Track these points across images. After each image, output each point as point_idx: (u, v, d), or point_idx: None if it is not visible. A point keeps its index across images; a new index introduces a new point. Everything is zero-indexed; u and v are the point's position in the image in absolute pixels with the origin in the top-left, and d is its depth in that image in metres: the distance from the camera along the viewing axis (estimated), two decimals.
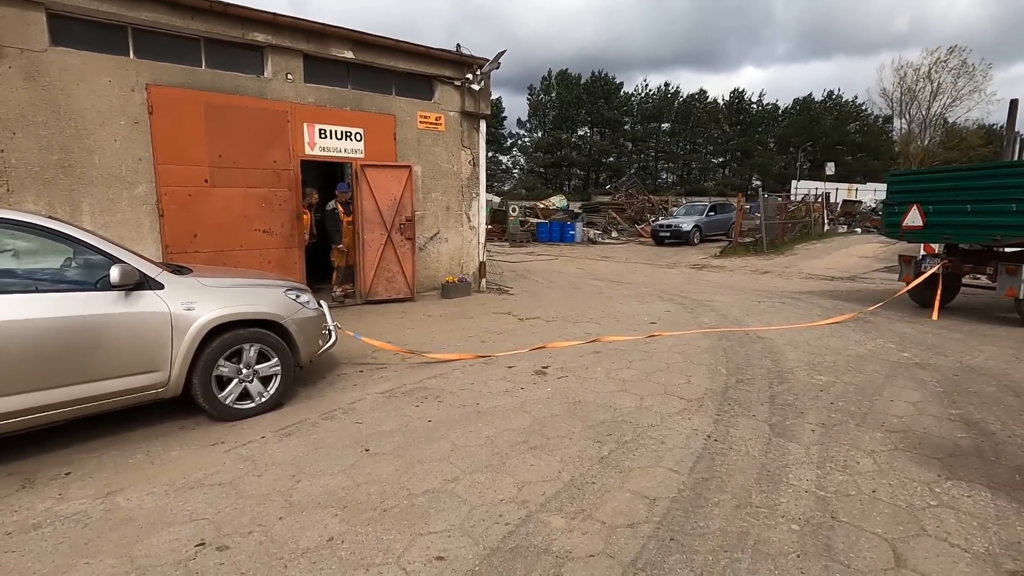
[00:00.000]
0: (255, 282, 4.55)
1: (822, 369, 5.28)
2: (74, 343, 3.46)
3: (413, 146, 9.06)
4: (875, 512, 2.88)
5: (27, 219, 3.54)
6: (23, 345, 3.28)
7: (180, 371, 3.88)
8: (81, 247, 3.64)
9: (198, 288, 4.02)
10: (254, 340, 4.18)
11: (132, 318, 3.66)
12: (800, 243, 18.69)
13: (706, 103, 62.98)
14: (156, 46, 6.67)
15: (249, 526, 2.81)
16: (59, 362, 3.43)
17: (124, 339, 3.64)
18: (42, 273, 3.63)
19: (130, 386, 3.73)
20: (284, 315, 4.36)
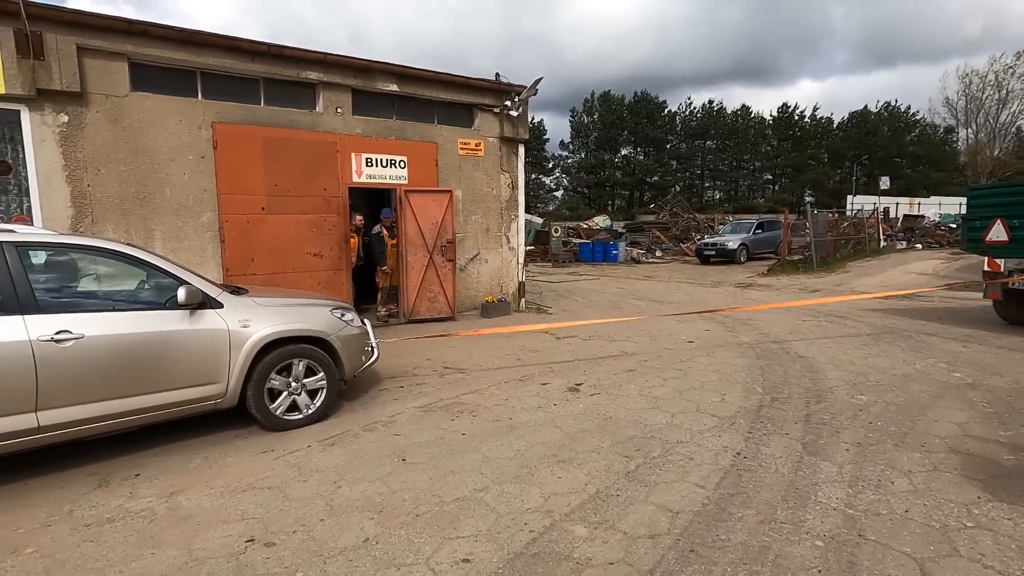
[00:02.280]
0: (304, 301, 4.89)
1: (864, 389, 5.15)
2: (146, 356, 3.84)
3: (454, 171, 9.43)
4: (905, 531, 2.84)
5: (109, 246, 4.00)
6: (106, 357, 3.68)
7: (236, 383, 4.22)
8: (153, 270, 4.06)
9: (253, 307, 4.38)
10: (303, 355, 4.50)
11: (196, 334, 4.03)
12: (853, 260, 18.00)
13: (750, 119, 61.76)
14: (220, 87, 7.31)
15: (294, 526, 3.04)
16: (134, 373, 3.80)
17: (188, 353, 4.00)
18: (119, 294, 4.06)
19: (193, 396, 4.08)
20: (330, 332, 4.66)
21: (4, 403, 3.39)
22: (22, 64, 5.86)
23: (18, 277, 3.51)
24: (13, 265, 3.52)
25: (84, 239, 4.12)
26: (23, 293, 3.51)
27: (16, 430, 3.44)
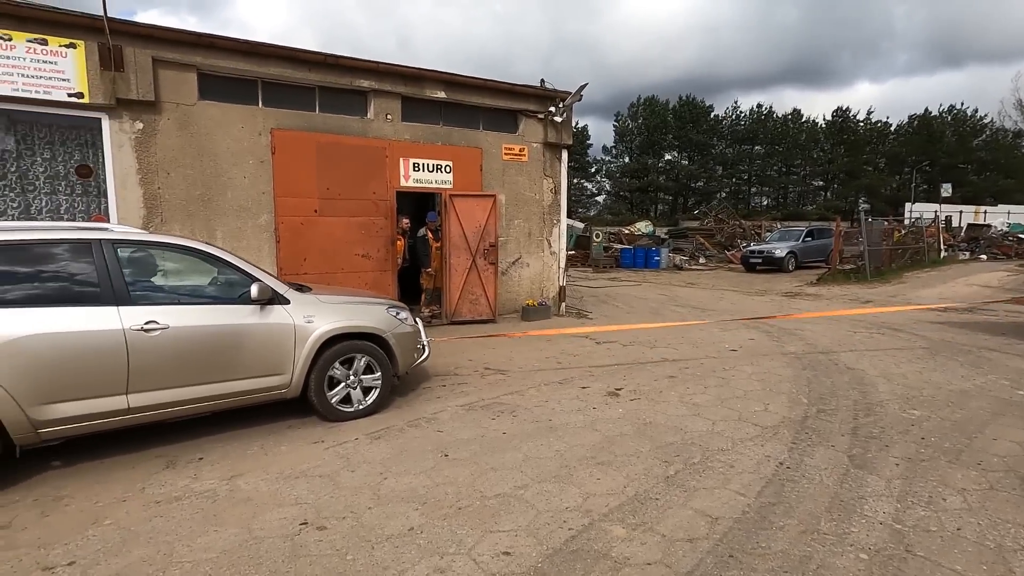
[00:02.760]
0: (362, 300, 5.18)
1: (917, 403, 4.97)
2: (222, 347, 4.16)
3: (498, 176, 9.59)
4: (956, 549, 2.76)
5: (191, 244, 4.37)
6: (187, 347, 4.00)
7: (300, 374, 4.49)
8: (229, 267, 4.39)
9: (316, 304, 4.66)
10: (360, 351, 4.77)
11: (265, 328, 4.33)
12: (910, 270, 17.20)
13: (801, 123, 59.74)
14: (279, 95, 7.70)
15: (343, 512, 3.21)
16: (211, 362, 4.12)
17: (259, 345, 4.30)
18: (198, 288, 4.42)
19: (262, 386, 4.38)
20: (386, 329, 4.91)
21: (100, 386, 3.72)
22: (104, 75, 6.35)
23: (113, 271, 3.83)
24: (109, 261, 3.84)
25: (169, 237, 4.52)
26: (117, 286, 3.83)
27: (109, 410, 3.78)
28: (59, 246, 3.81)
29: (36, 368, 3.50)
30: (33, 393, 3.49)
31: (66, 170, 6.54)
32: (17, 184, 6.34)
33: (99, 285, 3.78)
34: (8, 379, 3.40)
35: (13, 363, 3.42)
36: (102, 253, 3.85)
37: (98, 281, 3.78)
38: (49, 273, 3.74)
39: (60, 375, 3.58)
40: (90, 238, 3.88)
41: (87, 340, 3.65)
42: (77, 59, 6.24)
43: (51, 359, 3.54)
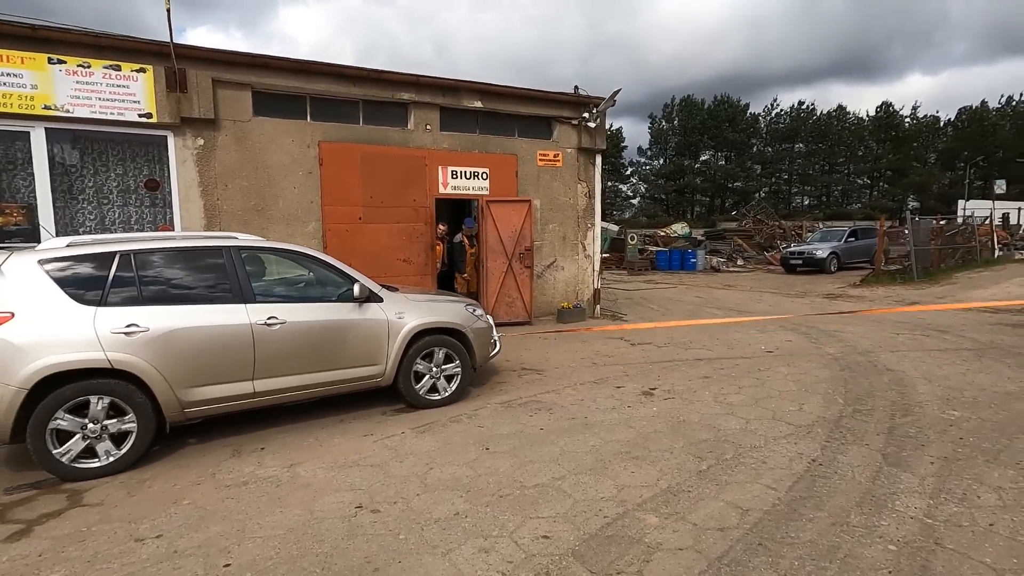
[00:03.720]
0: (442, 298, 5.76)
1: (957, 404, 4.93)
2: (329, 340, 4.70)
3: (533, 181, 9.82)
4: (988, 544, 2.82)
5: (301, 249, 4.99)
6: (301, 340, 4.56)
7: (392, 365, 5.00)
8: (332, 270, 4.95)
9: (405, 301, 5.20)
10: (443, 345, 5.27)
11: (364, 323, 4.86)
12: (961, 271, 16.57)
13: (847, 119, 57.84)
14: (326, 110, 8.14)
15: (394, 498, 3.48)
16: (320, 353, 4.65)
17: (358, 338, 4.83)
18: (306, 288, 4.98)
19: (361, 375, 4.90)
20: (465, 325, 5.40)
21: (233, 372, 4.29)
22: (170, 97, 6.89)
23: (241, 274, 4.43)
24: (237, 264, 4.44)
25: (283, 244, 5.20)
26: (244, 286, 4.42)
27: (239, 394, 4.35)
28: (198, 252, 4.43)
29: (185, 356, 4.07)
30: (182, 378, 4.07)
31: (136, 184, 7.10)
32: (93, 198, 6.93)
33: (230, 285, 4.38)
34: (164, 366, 3.99)
35: (168, 352, 4.00)
36: (231, 258, 4.46)
37: (229, 282, 4.38)
38: (192, 275, 4.34)
39: (203, 363, 4.16)
40: (221, 245, 4.51)
41: (223, 333, 4.23)
42: (146, 82, 6.80)
43: (196, 349, 4.12)
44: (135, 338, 3.90)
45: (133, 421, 3.93)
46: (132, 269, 4.08)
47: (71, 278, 3.92)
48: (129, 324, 3.91)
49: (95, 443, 3.86)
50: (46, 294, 3.81)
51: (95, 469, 3.85)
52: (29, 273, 3.84)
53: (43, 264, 3.90)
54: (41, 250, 4.07)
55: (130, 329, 3.90)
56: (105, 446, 3.89)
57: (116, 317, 3.90)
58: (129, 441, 3.95)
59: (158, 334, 3.97)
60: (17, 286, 3.78)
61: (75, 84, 6.50)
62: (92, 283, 3.96)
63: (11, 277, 3.81)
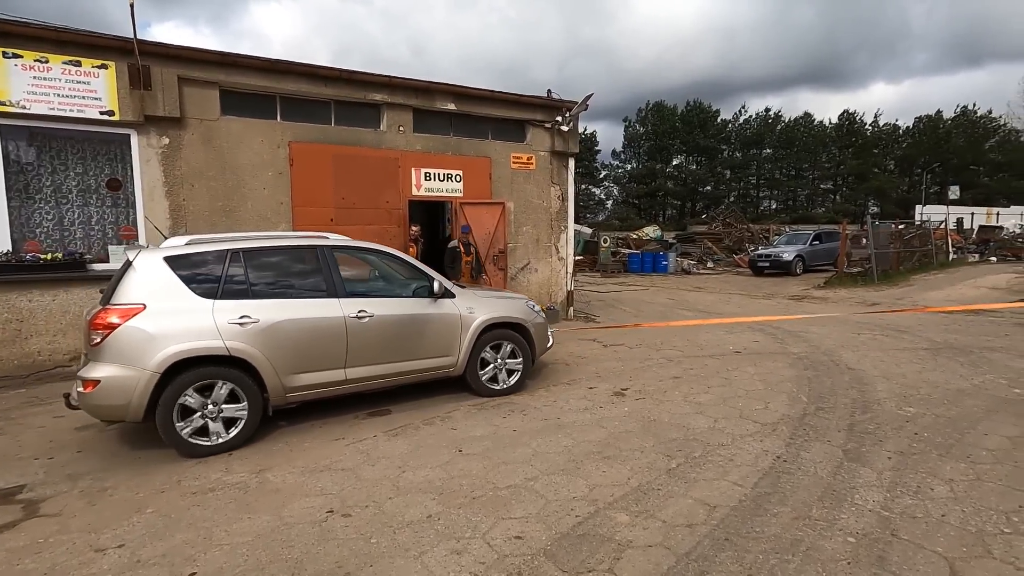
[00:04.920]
0: (505, 295, 6.19)
1: (913, 401, 5.14)
2: (411, 332, 5.10)
3: (506, 184, 9.85)
4: (940, 534, 2.95)
5: (384, 249, 5.36)
6: (387, 332, 4.95)
7: (464, 357, 5.38)
8: (412, 268, 5.35)
9: (474, 297, 5.58)
10: (507, 339, 5.66)
11: (440, 317, 5.24)
12: (918, 273, 17.24)
13: (811, 126, 59.62)
14: (297, 110, 8.02)
15: (366, 502, 3.45)
16: (402, 344, 5.04)
17: (435, 331, 5.22)
18: (388, 284, 5.37)
19: (436, 365, 5.30)
20: (527, 320, 5.82)
21: (328, 360, 4.68)
22: (133, 94, 6.70)
23: (334, 271, 4.84)
24: (330, 262, 4.85)
25: (367, 243, 5.50)
26: (337, 283, 4.82)
27: (333, 381, 4.75)
28: (296, 250, 4.86)
29: (288, 346, 4.47)
30: (286, 365, 4.47)
31: (97, 183, 6.88)
32: (51, 197, 6.69)
33: (324, 281, 4.78)
34: (271, 354, 4.39)
35: (274, 342, 4.41)
36: (324, 256, 4.86)
37: (323, 278, 4.79)
38: (291, 271, 4.77)
39: (303, 351, 4.55)
40: (315, 244, 4.93)
41: (321, 324, 4.62)
42: (108, 79, 6.60)
43: (298, 339, 4.52)
44: (247, 328, 4.32)
45: (245, 406, 4.33)
46: (242, 265, 4.51)
47: (191, 273, 4.34)
48: (242, 316, 4.33)
49: (210, 423, 4.23)
50: (172, 288, 4.23)
51: (206, 447, 4.22)
52: (156, 269, 4.25)
53: (168, 261, 4.31)
54: (165, 248, 4.51)
55: (243, 320, 4.32)
56: (217, 427, 4.26)
57: (231, 309, 4.32)
58: (240, 424, 4.34)
59: (266, 325, 4.38)
60: (147, 280, 4.20)
61: (32, 80, 6.27)
62: (209, 278, 4.38)
63: (141, 272, 4.22)
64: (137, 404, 4.01)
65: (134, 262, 4.24)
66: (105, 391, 3.97)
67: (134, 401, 3.99)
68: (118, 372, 3.97)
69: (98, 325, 4.02)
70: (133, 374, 3.98)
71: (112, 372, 3.97)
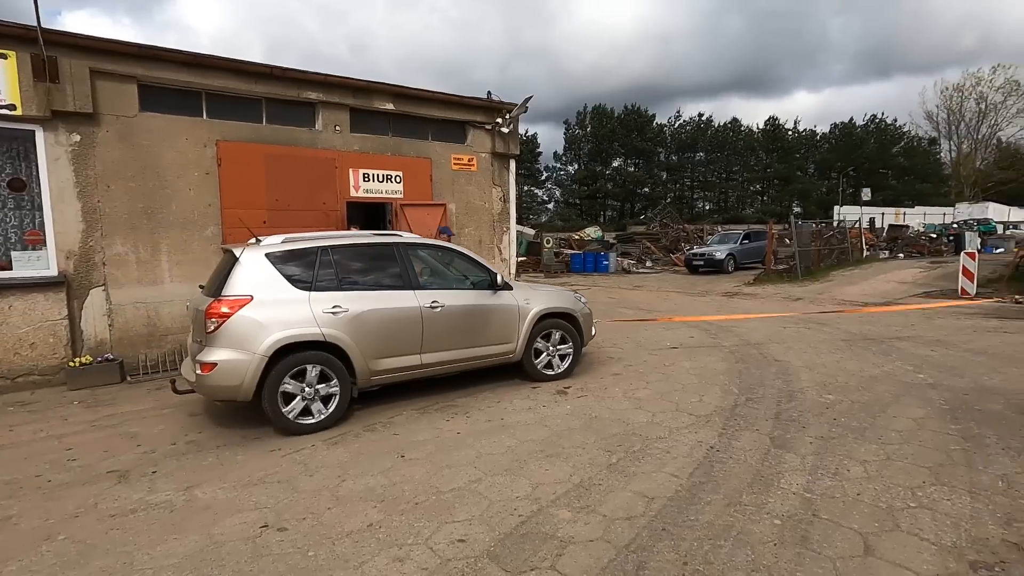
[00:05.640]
0: (555, 288, 6.79)
1: (832, 389, 5.50)
2: (476, 321, 5.57)
3: (448, 185, 9.79)
4: (855, 511, 3.17)
5: (449, 246, 5.99)
6: (456, 321, 5.40)
7: (521, 344, 5.85)
8: (474, 263, 5.83)
9: (529, 289, 6.16)
10: (559, 328, 6.15)
11: (501, 307, 5.73)
12: (837, 270, 18.48)
13: (740, 131, 62.77)
14: (225, 107, 7.65)
15: (303, 514, 3.33)
16: (469, 332, 5.52)
17: (497, 320, 5.70)
18: (454, 277, 5.77)
19: (498, 351, 5.77)
20: (576, 310, 6.31)
21: (406, 346, 5.15)
22: (38, 87, 6.17)
23: (409, 265, 5.32)
24: (405, 257, 5.34)
25: (436, 241, 6.21)
26: (412, 276, 5.30)
27: (411, 365, 5.21)
28: (376, 247, 5.39)
29: (373, 332, 4.94)
30: (371, 351, 4.93)
31: None
32: None
33: (401, 275, 5.26)
34: (359, 340, 4.84)
35: (362, 329, 4.86)
36: (401, 252, 5.36)
37: (400, 271, 5.26)
38: (372, 266, 5.26)
39: (385, 338, 5.02)
40: (392, 241, 5.47)
41: (400, 314, 5.10)
42: (8, 70, 6.05)
43: (381, 326, 4.99)
44: (339, 317, 4.78)
45: (337, 386, 4.77)
46: (331, 260, 4.99)
47: (289, 268, 4.81)
48: (335, 305, 4.80)
49: (310, 404, 4.69)
50: (273, 281, 4.71)
51: (309, 425, 4.66)
52: (260, 264, 4.74)
53: (269, 257, 4.79)
54: (265, 245, 4.95)
55: (335, 309, 4.79)
56: (318, 406, 4.72)
57: (324, 299, 4.79)
58: (333, 402, 4.78)
59: (355, 314, 4.85)
60: (252, 274, 4.67)
61: None
62: (304, 272, 4.85)
63: (247, 267, 4.69)
64: (248, 384, 4.45)
65: (240, 258, 4.72)
66: (221, 373, 4.43)
67: (246, 382, 4.45)
68: (232, 356, 4.44)
69: (212, 314, 4.48)
70: (245, 357, 4.45)
71: (227, 356, 4.44)
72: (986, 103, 48.32)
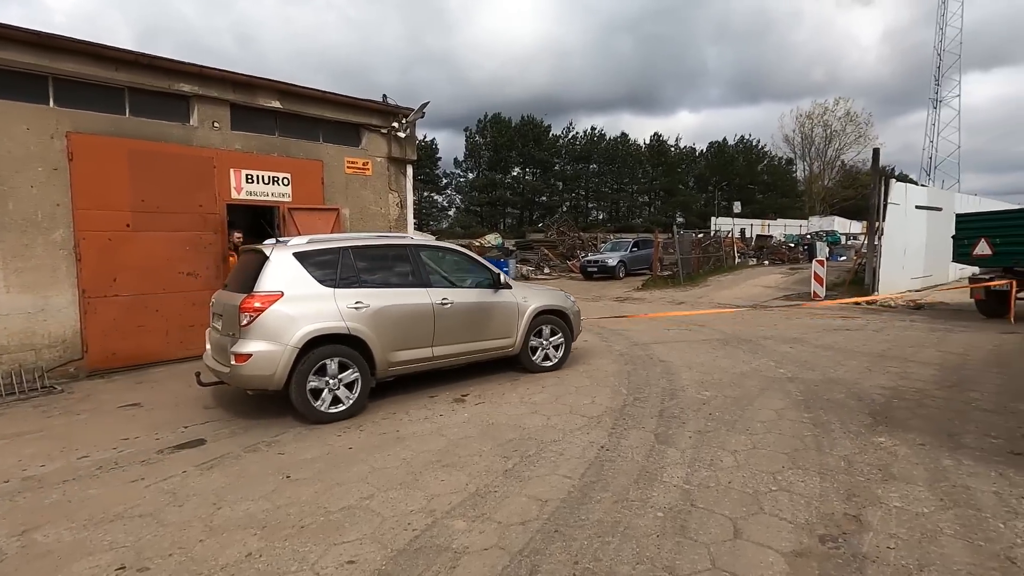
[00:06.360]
0: (548, 288, 7.41)
1: (708, 386, 5.98)
2: (481, 317, 6.03)
3: (341, 190, 9.42)
4: (726, 499, 3.45)
5: (456, 247, 6.53)
6: (463, 317, 5.85)
7: (521, 338, 6.36)
8: (477, 263, 6.34)
9: (526, 289, 6.75)
10: (553, 324, 6.70)
11: (502, 304, 6.22)
12: (714, 275, 20.20)
13: (629, 145, 66.77)
14: (78, 95, 6.78)
15: (170, 549, 3.01)
16: (474, 327, 5.96)
17: (499, 316, 6.18)
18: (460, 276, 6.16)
19: (499, 345, 6.25)
20: (567, 308, 6.88)
21: (420, 340, 5.56)
22: None
23: (421, 265, 5.77)
24: (419, 258, 5.79)
25: (444, 243, 6.85)
26: (424, 275, 5.75)
27: (423, 357, 5.63)
28: (392, 247, 5.89)
29: (391, 327, 5.34)
30: (389, 344, 5.32)
31: None
32: None
33: (414, 274, 5.69)
34: (378, 334, 5.23)
35: (381, 324, 5.26)
36: (413, 252, 5.81)
37: (413, 271, 5.70)
38: (388, 265, 5.70)
39: (401, 332, 5.42)
40: (405, 243, 5.98)
41: (415, 310, 5.52)
42: None
43: (398, 321, 5.40)
44: (361, 312, 5.17)
45: (357, 374, 5.12)
46: (351, 260, 5.38)
47: (315, 266, 5.16)
48: (357, 301, 5.17)
49: (336, 392, 5.04)
50: (301, 278, 5.05)
51: (334, 413, 5.02)
52: (288, 262, 5.08)
53: (296, 255, 5.13)
54: (292, 245, 5.28)
55: (358, 305, 5.17)
56: (344, 393, 5.09)
57: (348, 296, 5.17)
58: (356, 390, 5.14)
59: (375, 309, 5.24)
60: (282, 271, 5.00)
61: None
62: (329, 270, 5.22)
63: (276, 264, 5.02)
64: (280, 374, 4.76)
65: (271, 257, 5.04)
66: (255, 363, 4.72)
67: (278, 372, 4.76)
68: (265, 347, 4.74)
69: (247, 308, 4.77)
70: (277, 348, 4.75)
71: (260, 347, 4.73)
72: (831, 130, 55.46)
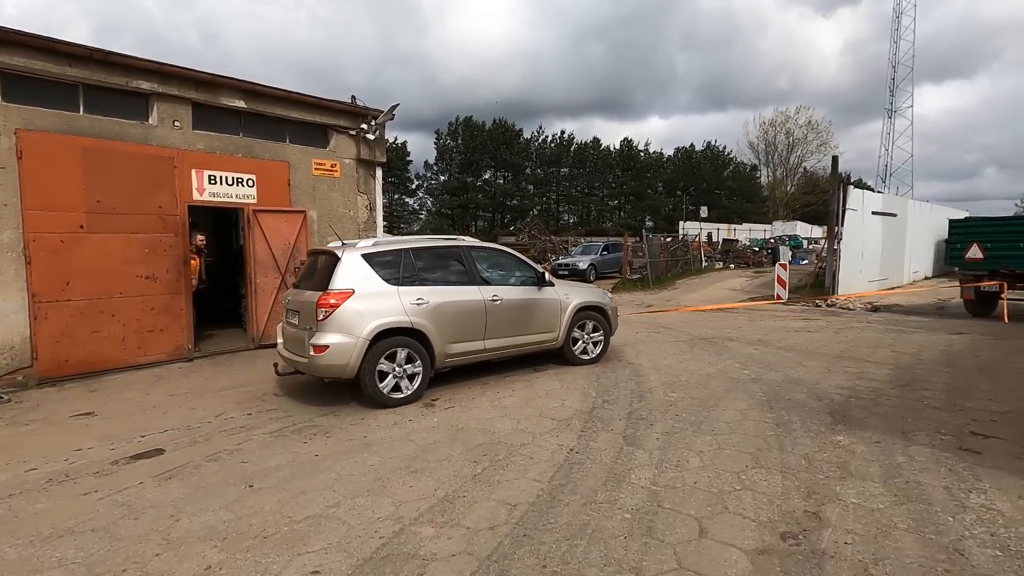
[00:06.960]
0: (586, 285, 8.28)
1: (675, 387, 6.07)
2: (527, 312, 6.54)
3: (308, 192, 9.25)
4: (692, 499, 3.50)
5: (503, 248, 7.10)
6: (512, 312, 6.36)
7: (563, 333, 6.85)
8: (522, 262, 6.85)
9: (567, 287, 7.21)
10: (593, 319, 7.19)
11: (546, 300, 6.71)
12: (682, 278, 20.57)
13: (600, 149, 67.55)
14: (28, 91, 6.49)
15: (123, 565, 2.89)
16: (521, 322, 6.47)
17: (543, 312, 6.67)
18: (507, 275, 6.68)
19: (544, 339, 6.75)
20: (606, 304, 7.38)
21: (473, 334, 6.08)
22: None
23: (473, 265, 6.31)
24: (471, 258, 6.34)
25: (492, 244, 7.36)
26: (476, 274, 6.28)
27: (476, 349, 6.15)
28: (447, 248, 6.37)
29: (448, 321, 5.84)
30: (446, 337, 5.83)
31: None
32: None
33: (467, 272, 6.22)
34: (437, 328, 5.73)
35: (440, 318, 5.77)
36: (466, 252, 6.36)
37: (466, 270, 6.23)
38: (445, 264, 6.21)
39: (458, 326, 5.94)
40: (459, 245, 6.50)
41: (469, 306, 6.04)
42: None
43: (454, 316, 5.91)
44: (422, 307, 5.67)
45: (420, 366, 5.63)
46: (412, 260, 5.89)
47: (380, 266, 5.67)
48: (418, 298, 5.68)
49: (400, 381, 5.54)
50: (369, 277, 5.56)
51: (399, 399, 5.52)
52: (357, 262, 5.59)
53: (364, 257, 5.65)
54: (360, 247, 5.79)
55: (419, 302, 5.67)
56: (406, 383, 5.58)
57: (410, 293, 5.68)
58: (417, 380, 5.64)
59: (434, 305, 5.75)
60: (352, 271, 5.51)
61: None
62: (392, 269, 5.73)
63: (347, 265, 5.52)
64: (353, 363, 5.26)
65: (343, 258, 5.56)
66: (333, 353, 5.23)
67: (352, 361, 5.26)
68: (341, 339, 5.26)
69: (323, 304, 5.30)
70: (351, 340, 5.27)
71: (336, 339, 5.25)
72: (793, 138, 57.21)
